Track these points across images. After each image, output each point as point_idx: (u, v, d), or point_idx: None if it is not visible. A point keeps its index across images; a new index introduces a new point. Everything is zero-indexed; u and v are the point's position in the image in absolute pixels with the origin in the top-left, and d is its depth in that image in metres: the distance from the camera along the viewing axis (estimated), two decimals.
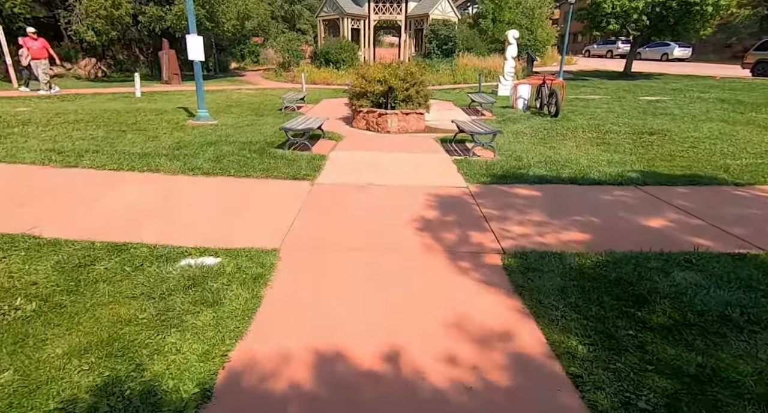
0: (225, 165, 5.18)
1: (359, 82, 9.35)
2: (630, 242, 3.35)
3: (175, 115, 9.33)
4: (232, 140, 6.66)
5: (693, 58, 29.54)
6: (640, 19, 16.47)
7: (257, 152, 5.85)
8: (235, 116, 9.69)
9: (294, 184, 4.76)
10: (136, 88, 12.53)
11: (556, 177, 5.06)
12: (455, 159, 6.01)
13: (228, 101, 12.46)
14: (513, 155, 6.14)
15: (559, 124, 9.38)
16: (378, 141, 7.63)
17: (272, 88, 17.25)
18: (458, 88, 17.21)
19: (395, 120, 8.90)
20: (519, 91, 11.68)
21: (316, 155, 5.90)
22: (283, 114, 10.40)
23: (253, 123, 8.74)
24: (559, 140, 7.68)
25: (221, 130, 7.71)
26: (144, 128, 7.39)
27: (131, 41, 20.04)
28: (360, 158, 6.12)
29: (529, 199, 4.42)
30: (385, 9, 21.79)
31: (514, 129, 8.85)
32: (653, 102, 11.99)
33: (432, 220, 3.87)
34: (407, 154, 6.45)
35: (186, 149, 5.86)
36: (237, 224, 3.64)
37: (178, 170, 4.91)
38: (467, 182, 4.99)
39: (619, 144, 7.12)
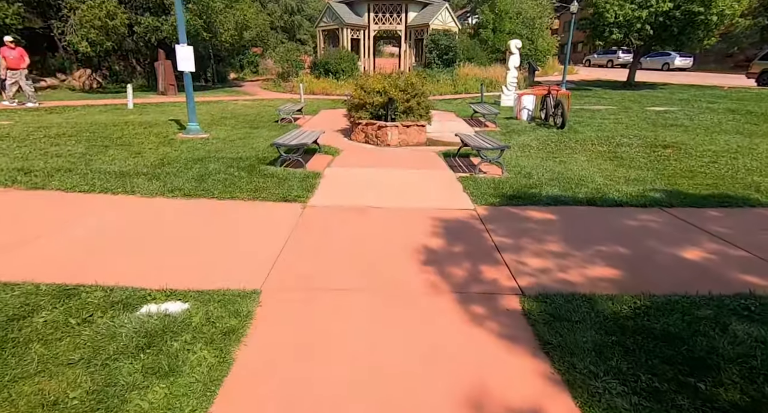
0: (209, 185, 4.73)
1: (358, 94, 8.97)
2: (668, 280, 2.88)
3: (165, 128, 8.93)
4: (221, 156, 6.23)
5: (694, 67, 29.34)
6: (644, 29, 16.20)
7: (246, 170, 5.41)
8: (229, 129, 9.28)
9: (284, 207, 4.30)
10: (129, 100, 12.17)
11: (572, 198, 4.61)
12: (460, 176, 5.57)
13: (223, 113, 12.09)
14: (522, 172, 5.70)
15: (567, 136, 8.97)
16: (377, 155, 7.20)
17: (270, 99, 16.92)
18: (459, 99, 16.87)
19: (395, 133, 8.50)
20: (523, 102, 11.31)
21: (310, 173, 5.46)
22: (279, 126, 10.00)
23: (246, 136, 8.33)
24: (568, 153, 7.26)
25: (211, 144, 7.29)
26: (129, 143, 6.97)
27: (128, 52, 19.80)
28: (357, 175, 5.68)
29: (544, 224, 3.96)
30: (385, 19, 21.60)
31: (520, 142, 8.43)
32: (661, 113, 11.60)
33: (437, 251, 3.41)
34: (408, 170, 6.01)
35: (169, 167, 5.42)
36: (214, 258, 3.18)
37: (156, 191, 4.46)
38: (474, 203, 4.54)
39: (633, 159, 6.69)
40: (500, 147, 5.56)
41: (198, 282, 2.77)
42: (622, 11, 15.99)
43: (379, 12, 21.43)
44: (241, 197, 4.46)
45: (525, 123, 10.80)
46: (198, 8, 16.18)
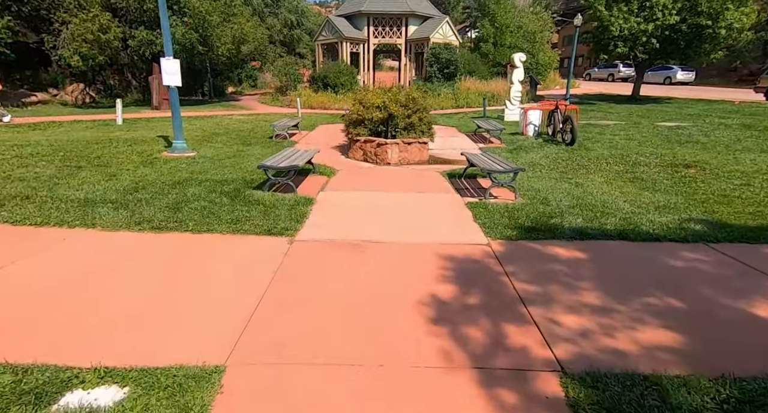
0: (184, 215, 4.14)
1: (356, 109, 8.46)
2: (750, 351, 2.27)
3: (151, 145, 8.38)
4: (205, 178, 5.66)
5: (696, 82, 29.08)
6: (650, 42, 15.84)
7: (230, 196, 4.83)
8: (219, 146, 8.74)
9: (267, 243, 3.70)
10: (118, 115, 11.67)
11: (600, 230, 4.01)
12: (469, 202, 4.98)
13: (216, 128, 11.58)
14: (538, 197, 5.12)
15: (577, 153, 8.43)
16: (376, 176, 6.64)
17: (267, 113, 16.47)
18: (461, 113, 16.43)
19: (396, 151, 7.95)
20: (529, 117, 10.81)
21: (301, 199, 4.88)
22: (273, 143, 9.47)
23: (236, 154, 7.78)
24: (583, 174, 6.69)
25: (197, 164, 6.73)
26: (107, 163, 6.41)
27: (123, 66, 19.48)
28: (354, 200, 5.09)
29: (573, 265, 3.36)
30: (385, 33, 21.35)
31: (528, 160, 7.89)
32: (674, 128, 11.10)
33: (449, 303, 2.80)
34: (410, 194, 5.43)
35: (143, 192, 4.84)
36: (172, 317, 2.57)
37: (120, 223, 3.87)
38: (488, 236, 3.94)
39: (656, 180, 6.12)
40: (513, 170, 4.99)
41: (145, 355, 2.16)
42: (627, 24, 15.66)
43: (378, 26, 21.19)
44: (220, 230, 3.86)
45: (532, 139, 10.29)
46: (194, 22, 15.87)
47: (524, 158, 8.11)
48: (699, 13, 14.97)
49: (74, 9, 14.51)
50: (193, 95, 23.95)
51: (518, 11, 27.98)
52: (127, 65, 19.36)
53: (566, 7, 47.42)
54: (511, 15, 26.44)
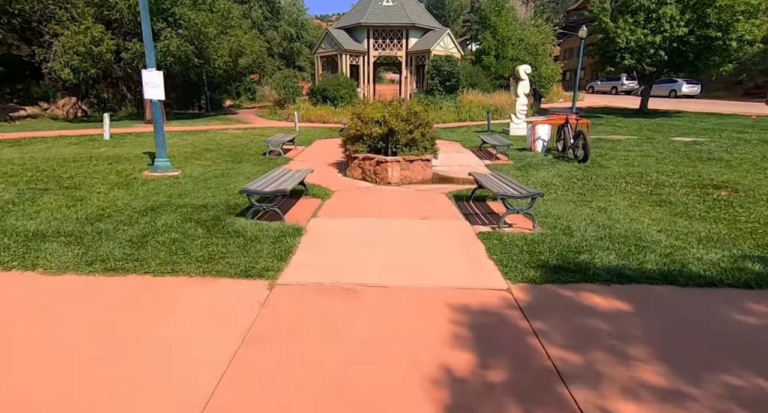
0: (148, 252, 3.51)
1: (354, 124, 7.90)
2: None
3: (133, 163, 7.81)
4: (183, 203, 5.05)
5: (702, 95, 28.69)
6: (657, 54, 15.41)
7: (206, 225, 4.21)
8: (207, 164, 8.16)
9: (242, 288, 3.07)
10: (105, 130, 11.15)
11: (639, 270, 3.37)
12: (480, 232, 4.35)
13: (207, 144, 11.04)
14: (558, 226, 4.49)
15: (592, 171, 7.84)
16: (375, 199, 6.02)
17: (263, 127, 15.98)
18: (464, 127, 15.93)
19: (396, 169, 7.36)
20: (538, 132, 10.26)
21: (289, 228, 4.25)
22: (265, 160, 8.90)
23: (224, 173, 7.19)
24: (603, 195, 6.08)
25: (178, 185, 6.13)
26: (77, 185, 5.81)
27: (118, 79, 19.09)
28: (349, 230, 4.47)
29: (617, 321, 2.71)
30: (385, 45, 21.02)
31: (540, 179, 7.29)
32: (690, 144, 10.52)
33: (465, 381, 2.15)
34: (413, 222, 4.80)
35: (107, 222, 4.22)
36: (95, 408, 1.92)
37: (68, 264, 3.24)
38: (507, 278, 3.30)
39: (687, 204, 5.49)
40: (530, 195, 4.36)
41: None
42: (633, 36, 15.26)
43: (379, 38, 20.87)
44: (187, 272, 3.23)
45: (541, 155, 9.71)
46: (189, 34, 15.48)
47: (535, 177, 7.51)
48: (708, 25, 14.58)
49: (66, 21, 14.13)
50: (189, 109, 23.56)
51: (520, 24, 27.80)
52: (122, 78, 18.97)
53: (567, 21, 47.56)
54: (512, 27, 26.21)
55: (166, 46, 15.08)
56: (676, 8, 14.80)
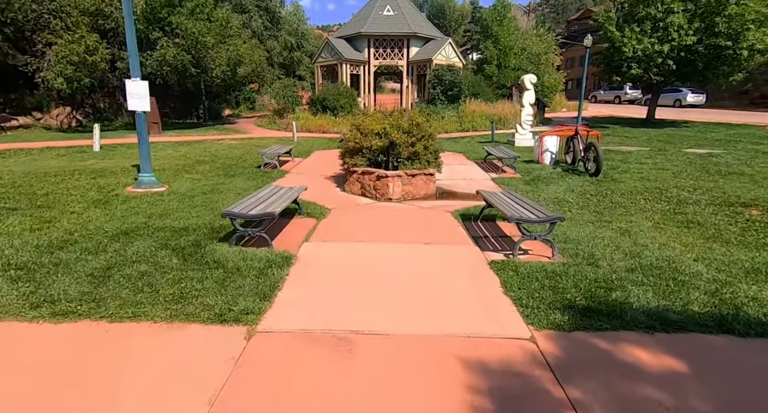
0: (110, 289, 3.02)
1: (353, 136, 7.46)
2: None
3: (118, 177, 7.35)
4: (163, 225, 4.56)
5: (707, 104, 28.34)
6: (665, 64, 15.03)
7: (183, 254, 3.72)
8: (197, 178, 7.70)
9: (215, 337, 2.57)
10: (95, 141, 10.73)
11: (685, 313, 2.86)
12: (493, 261, 3.85)
13: (201, 155, 10.60)
14: (580, 252, 3.99)
15: (606, 186, 7.37)
16: (375, 218, 5.53)
17: (260, 137, 15.57)
18: (467, 137, 15.52)
19: (398, 184, 6.89)
20: (545, 144, 9.80)
21: (277, 257, 3.76)
22: (260, 173, 8.45)
23: (213, 189, 6.72)
24: (622, 214, 5.58)
25: (161, 203, 5.65)
26: (50, 204, 5.34)
27: (115, 89, 18.79)
28: (345, 258, 3.97)
29: (671, 387, 2.19)
30: (386, 54, 20.73)
31: (551, 194, 6.81)
32: (706, 156, 10.05)
33: None
34: (416, 247, 4.31)
35: (70, 250, 3.73)
36: None
37: (9, 307, 2.74)
38: (529, 322, 2.80)
39: (717, 226, 4.99)
40: (549, 219, 3.87)
41: None
42: (640, 45, 14.89)
43: (379, 47, 20.60)
44: (152, 315, 2.73)
45: (549, 168, 9.24)
46: (186, 43, 15.17)
47: (545, 192, 7.03)
48: (717, 34, 14.21)
49: (60, 30, 13.83)
50: (188, 118, 23.24)
51: (522, 33, 27.59)
52: (118, 88, 18.66)
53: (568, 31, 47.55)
54: (514, 37, 25.98)
55: (162, 55, 14.76)
56: (684, 17, 14.46)
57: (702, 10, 14.50)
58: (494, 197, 4.93)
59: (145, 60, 14.95)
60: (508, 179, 8.25)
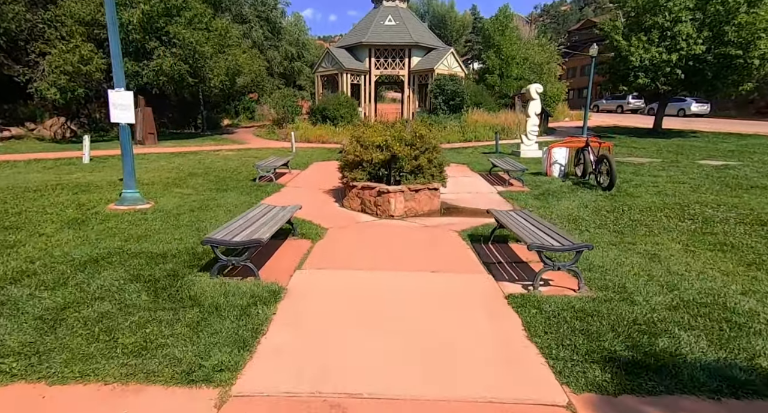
0: (59, 337, 2.53)
1: (353, 148, 7.02)
2: None
3: (103, 193, 6.90)
4: (139, 250, 4.09)
5: (711, 114, 28.00)
6: (673, 73, 14.67)
7: (156, 288, 3.24)
8: (188, 193, 7.25)
9: (178, 405, 2.07)
10: (85, 153, 10.32)
11: (753, 370, 2.35)
12: (511, 295, 3.36)
13: (195, 168, 10.17)
14: (609, 284, 3.50)
15: (621, 201, 6.90)
16: (375, 239, 5.06)
17: (258, 148, 15.18)
18: (470, 147, 15.09)
19: (400, 200, 6.43)
20: (554, 156, 9.36)
21: (264, 290, 3.27)
22: (254, 187, 8.00)
23: (203, 206, 6.26)
24: (645, 235, 5.10)
25: (143, 223, 5.19)
26: (20, 225, 4.87)
27: None
28: (341, 290, 3.48)
29: None
30: (387, 64, 20.45)
31: (563, 210, 6.35)
32: (722, 168, 9.59)
33: None
34: (421, 276, 3.82)
35: (25, 283, 3.25)
36: None
37: None
38: (562, 380, 2.30)
39: (755, 249, 4.50)
40: (576, 247, 3.38)
41: None
42: (648, 55, 14.55)
43: (381, 57, 20.33)
44: (104, 374, 2.24)
45: (558, 181, 8.78)
46: (184, 53, 14.86)
47: (557, 208, 6.57)
48: (726, 43, 13.86)
49: (55, 40, 13.53)
50: (186, 128, 22.92)
51: (524, 43, 27.39)
52: None
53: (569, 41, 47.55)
54: (516, 46, 25.77)
55: (159, 65, 14.43)
56: (692, 26, 14.14)
57: (710, 19, 14.18)
58: (508, 218, 4.45)
59: (141, 70, 14.64)
60: (516, 193, 7.79)
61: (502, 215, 4.64)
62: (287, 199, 7.28)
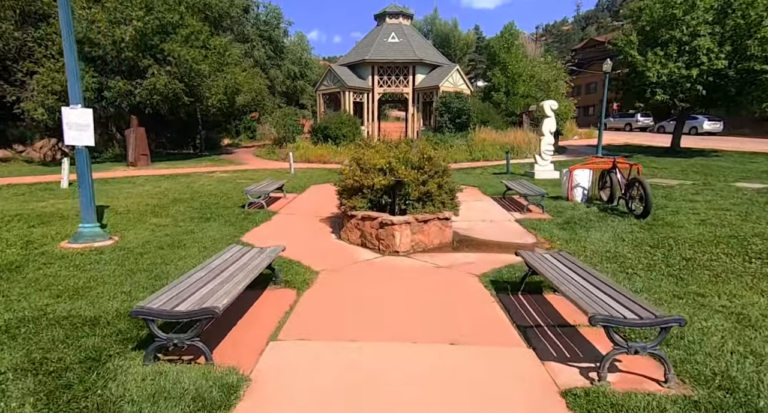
0: None
1: (352, 172, 6.15)
2: None
3: (64, 225, 6.00)
4: (64, 314, 3.12)
5: (725, 132, 27.12)
6: (693, 89, 13.84)
7: (58, 386, 2.26)
8: (164, 224, 6.34)
9: None
10: (63, 177, 9.51)
11: None
12: (569, 392, 2.34)
13: (182, 192, 9.30)
14: (701, 369, 2.49)
15: (662, 232, 5.93)
16: (376, 287, 4.08)
17: (255, 169, 14.38)
18: (479, 168, 14.20)
19: (406, 234, 5.49)
20: (576, 179, 8.42)
21: (213, 386, 2.28)
22: (242, 215, 7.09)
23: (175, 242, 5.33)
24: (709, 280, 4.10)
25: (92, 267, 4.25)
26: None
27: (108, 119, 17.88)
28: (330, 377, 2.48)
29: None
30: (391, 82, 19.84)
31: (597, 245, 5.37)
32: (764, 192, 8.60)
33: None
34: (437, 351, 2.82)
35: None
36: None
37: None
38: None
39: None
40: (661, 323, 2.37)
41: None
42: (665, 70, 13.76)
43: (384, 74, 19.74)
44: None
45: (582, 207, 7.81)
46: (179, 71, 14.25)
47: (588, 241, 5.59)
48: (749, 58, 13.06)
49: (43, 58, 12.96)
50: (185, 148, 22.28)
51: (530, 60, 26.89)
52: (112, 117, 17.77)
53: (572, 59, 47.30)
54: (523, 64, 25.24)
55: (153, 83, 13.80)
56: (712, 40, 13.38)
57: (730, 33, 13.43)
58: (545, 266, 3.47)
59: (134, 88, 14.00)
60: (537, 221, 6.84)
61: (536, 259, 3.66)
62: (277, 230, 6.36)
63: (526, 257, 3.77)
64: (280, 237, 5.88)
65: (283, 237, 5.90)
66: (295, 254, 4.90)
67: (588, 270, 3.28)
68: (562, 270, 3.34)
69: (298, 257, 4.83)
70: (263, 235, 6.02)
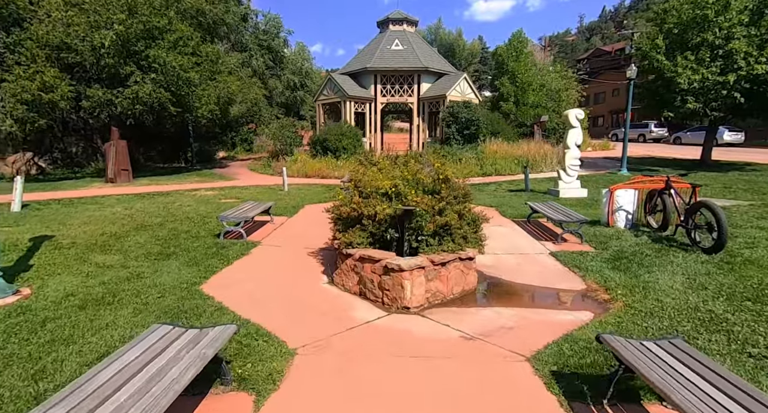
0: None
1: (350, 198, 4.80)
2: None
3: None
4: None
5: (746, 143, 25.73)
6: (730, 96, 12.50)
7: None
8: (108, 264, 4.98)
9: None
10: (14, 199, 8.21)
11: None
12: None
13: (152, 216, 7.96)
14: None
15: (747, 273, 4.57)
16: (379, 373, 2.67)
17: (245, 185, 13.06)
18: (492, 183, 12.82)
19: (420, 282, 4.12)
20: (618, 200, 7.02)
21: None
22: (214, 249, 5.74)
23: (105, 296, 3.95)
24: None
25: None
26: None
27: (93, 131, 16.71)
28: None
29: None
30: (395, 91, 18.63)
31: (670, 297, 3.99)
32: None
33: None
34: None
35: None
36: None
37: None
38: None
39: None
40: None
41: None
42: (696, 76, 12.44)
43: (387, 83, 18.54)
44: None
45: (628, 235, 6.41)
46: (165, 79, 13.06)
47: (658, 290, 4.21)
48: None
49: (13, 65, 11.81)
50: (175, 162, 21.07)
51: (539, 69, 25.75)
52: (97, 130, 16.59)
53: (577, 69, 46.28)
54: (532, 73, 24.08)
55: (135, 92, 12.60)
56: (747, 43, 12.09)
57: None
58: (653, 368, 2.06)
59: (115, 98, 12.80)
60: (577, 256, 5.46)
61: (636, 355, 2.25)
62: (253, 271, 4.98)
63: (619, 349, 2.36)
64: (254, 282, 4.51)
65: (258, 282, 4.53)
66: (266, 315, 3.53)
67: (723, 374, 1.87)
68: (680, 373, 1.94)
69: (268, 320, 3.46)
70: (233, 280, 4.65)
